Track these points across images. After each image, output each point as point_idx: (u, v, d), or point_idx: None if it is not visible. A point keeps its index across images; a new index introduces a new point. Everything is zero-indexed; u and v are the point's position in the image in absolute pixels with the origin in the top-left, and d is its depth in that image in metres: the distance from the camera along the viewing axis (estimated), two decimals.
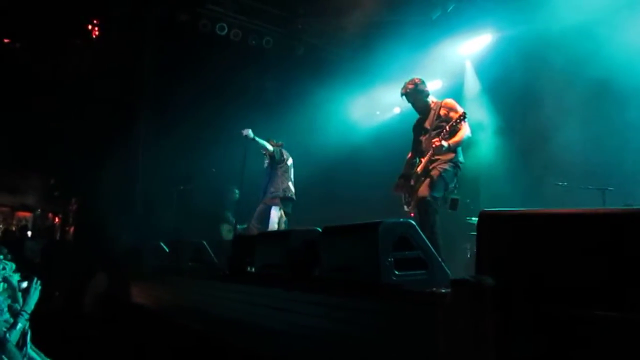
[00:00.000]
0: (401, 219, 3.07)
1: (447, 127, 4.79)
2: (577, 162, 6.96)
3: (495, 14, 8.02)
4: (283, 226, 7.04)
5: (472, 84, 8.73)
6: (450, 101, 5.08)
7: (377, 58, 9.62)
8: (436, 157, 4.84)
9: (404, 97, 5.29)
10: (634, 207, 1.98)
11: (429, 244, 3.05)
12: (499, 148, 7.80)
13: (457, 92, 8.40)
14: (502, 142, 7.89)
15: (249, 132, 6.90)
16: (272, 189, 7.11)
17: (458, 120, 4.74)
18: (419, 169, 4.93)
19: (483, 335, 1.63)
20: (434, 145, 4.75)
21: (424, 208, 4.64)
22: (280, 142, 7.35)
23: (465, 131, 4.86)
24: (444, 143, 4.72)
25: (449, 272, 3.06)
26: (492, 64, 8.33)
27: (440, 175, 4.76)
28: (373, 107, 10.52)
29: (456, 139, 4.81)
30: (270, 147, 7.11)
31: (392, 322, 2.64)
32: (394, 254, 2.94)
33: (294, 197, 7.23)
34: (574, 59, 6.94)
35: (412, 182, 5.06)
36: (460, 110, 4.90)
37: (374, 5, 9.22)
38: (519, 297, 1.76)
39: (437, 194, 4.75)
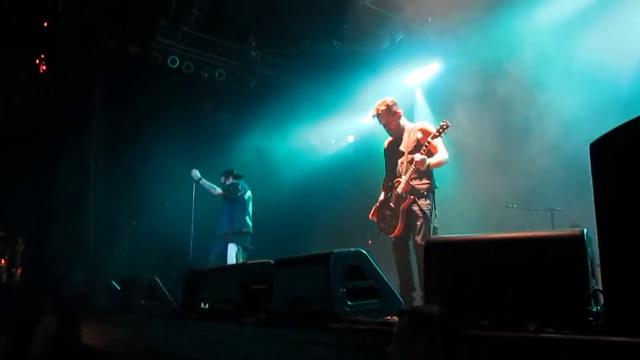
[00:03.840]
0: (352, 249, 3.05)
1: (430, 139, 4.63)
2: (526, 184, 7.17)
3: (441, 44, 8.29)
4: (241, 261, 6.95)
5: (423, 111, 8.93)
6: (426, 125, 4.95)
7: (330, 87, 9.78)
8: (415, 181, 4.77)
9: (375, 118, 5.08)
10: (579, 228, 2.04)
11: (382, 273, 3.04)
12: (450, 172, 7.96)
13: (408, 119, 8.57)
14: (454, 166, 8.06)
15: (197, 174, 6.98)
16: (227, 225, 7.04)
17: (441, 130, 4.61)
18: (399, 189, 4.82)
19: None
20: (416, 160, 4.60)
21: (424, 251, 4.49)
22: (239, 174, 7.32)
23: (444, 155, 4.79)
24: (427, 159, 4.60)
25: (401, 300, 3.06)
26: (442, 91, 8.57)
27: (425, 215, 4.70)
28: (328, 135, 10.62)
29: (436, 160, 4.72)
30: (217, 190, 7.07)
31: (345, 354, 2.61)
32: (347, 284, 2.93)
33: (251, 230, 7.16)
34: (520, 85, 7.26)
35: (391, 204, 4.93)
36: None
37: (325, 36, 9.41)
38: (462, 324, 1.77)
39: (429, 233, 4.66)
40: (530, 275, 1.92)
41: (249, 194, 7.37)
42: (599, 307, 1.93)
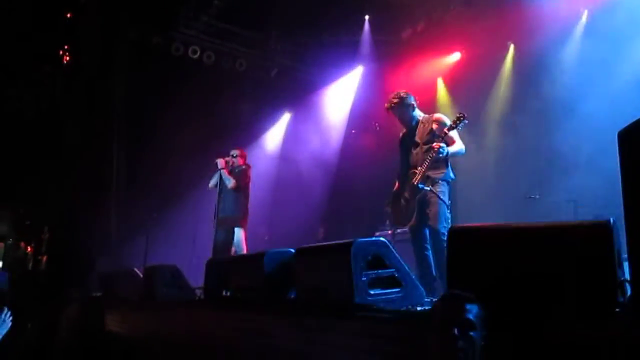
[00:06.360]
0: (374, 238, 3.05)
1: (446, 130, 4.62)
2: (550, 174, 7.08)
3: (463, 33, 8.19)
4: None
5: (444, 101, 8.85)
6: (441, 116, 4.94)
7: (348, 76, 9.74)
8: (431, 171, 4.73)
9: (389, 111, 5.07)
10: (602, 219, 2.00)
11: (403, 262, 3.04)
12: (472, 162, 7.90)
13: (430, 109, 8.52)
14: (476, 157, 7.98)
15: (221, 163, 6.98)
16: (232, 209, 6.99)
17: (458, 122, 4.60)
18: (415, 180, 4.78)
19: (449, 352, 1.63)
20: (433, 145, 4.58)
21: (438, 239, 4.57)
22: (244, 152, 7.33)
23: (461, 145, 4.78)
24: (444, 146, 4.58)
25: (422, 290, 3.05)
26: (463, 80, 8.48)
27: (439, 201, 4.66)
28: (349, 125, 10.57)
29: (454, 150, 4.70)
30: (232, 182, 6.99)
31: (366, 343, 2.61)
32: (368, 273, 2.92)
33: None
34: (542, 76, 7.16)
35: (406, 194, 4.90)
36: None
37: (345, 25, 9.37)
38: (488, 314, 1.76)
39: (446, 224, 4.61)
40: (555, 265, 1.89)
41: None
42: (625, 298, 1.90)
